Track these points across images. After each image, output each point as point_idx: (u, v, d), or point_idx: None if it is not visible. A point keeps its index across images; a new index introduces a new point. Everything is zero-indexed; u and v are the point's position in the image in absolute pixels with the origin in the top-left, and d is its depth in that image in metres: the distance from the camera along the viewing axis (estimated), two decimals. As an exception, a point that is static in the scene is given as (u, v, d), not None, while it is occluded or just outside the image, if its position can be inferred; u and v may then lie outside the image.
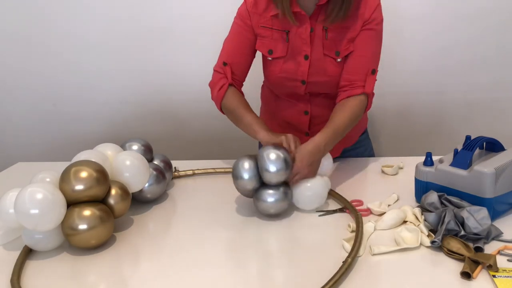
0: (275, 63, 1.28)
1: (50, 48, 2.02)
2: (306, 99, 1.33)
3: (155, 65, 2.01)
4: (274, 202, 1.06)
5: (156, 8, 1.92)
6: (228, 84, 1.28)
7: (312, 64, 1.24)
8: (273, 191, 1.06)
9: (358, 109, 1.22)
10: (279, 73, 1.28)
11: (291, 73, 1.26)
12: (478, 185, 0.97)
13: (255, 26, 1.26)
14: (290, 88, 1.30)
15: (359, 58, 1.22)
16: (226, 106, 1.29)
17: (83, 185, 0.96)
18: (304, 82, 1.27)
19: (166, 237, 1.05)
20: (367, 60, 1.23)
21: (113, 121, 2.11)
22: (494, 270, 0.81)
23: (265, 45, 1.27)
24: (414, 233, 0.94)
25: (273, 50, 1.26)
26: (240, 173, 1.09)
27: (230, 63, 1.29)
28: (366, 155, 1.49)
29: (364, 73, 1.22)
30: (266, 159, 1.06)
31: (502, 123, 1.97)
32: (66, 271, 0.92)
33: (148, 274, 0.89)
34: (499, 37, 1.86)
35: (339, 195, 1.14)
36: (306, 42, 1.23)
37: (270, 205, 1.06)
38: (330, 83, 1.27)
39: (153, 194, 1.18)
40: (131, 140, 1.25)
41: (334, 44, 1.22)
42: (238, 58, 1.30)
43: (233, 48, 1.30)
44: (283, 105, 1.37)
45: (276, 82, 1.32)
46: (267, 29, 1.25)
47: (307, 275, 0.85)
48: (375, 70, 1.24)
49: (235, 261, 0.93)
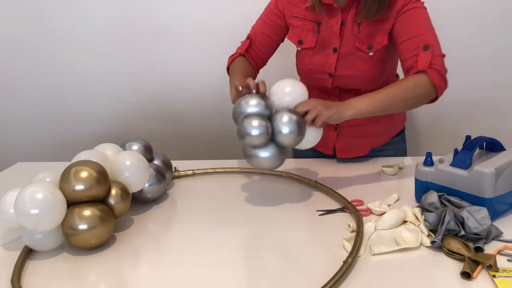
0: (304, 54, 1.29)
1: (49, 48, 2.02)
2: (336, 94, 1.32)
3: (155, 65, 2.01)
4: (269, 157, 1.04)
5: (155, 8, 1.93)
6: (240, 54, 1.32)
7: (341, 57, 1.24)
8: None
9: (409, 83, 1.10)
10: (308, 65, 1.29)
11: (319, 65, 1.27)
12: (478, 185, 0.97)
13: (288, 16, 1.28)
14: (318, 80, 1.30)
15: (405, 43, 1.15)
16: (230, 70, 1.32)
17: (83, 185, 0.96)
18: (331, 75, 1.26)
19: (166, 237, 1.05)
20: (414, 40, 1.13)
21: (113, 121, 2.11)
22: (494, 270, 0.81)
23: (296, 35, 1.28)
24: (414, 233, 0.94)
25: (303, 41, 1.27)
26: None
27: (253, 39, 1.33)
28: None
29: (414, 54, 1.13)
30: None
31: (502, 123, 1.97)
32: (66, 271, 0.92)
33: (148, 274, 0.89)
34: (499, 37, 1.86)
35: (339, 194, 1.14)
36: (335, 35, 1.22)
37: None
38: (358, 78, 1.25)
39: (153, 194, 1.18)
40: (131, 140, 1.25)
41: (366, 38, 1.20)
42: (262, 38, 1.33)
43: (261, 27, 1.33)
44: (313, 96, 1.35)
45: (305, 74, 1.33)
46: (299, 19, 1.26)
47: (308, 275, 0.85)
48: (429, 45, 1.12)
49: (235, 260, 0.93)
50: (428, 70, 1.11)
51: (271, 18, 1.31)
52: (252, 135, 1.02)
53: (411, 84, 1.11)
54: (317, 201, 1.16)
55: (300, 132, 1.03)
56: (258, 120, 1.02)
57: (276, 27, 1.31)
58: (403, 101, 1.11)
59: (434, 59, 1.12)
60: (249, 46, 1.33)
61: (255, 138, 1.02)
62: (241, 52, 1.33)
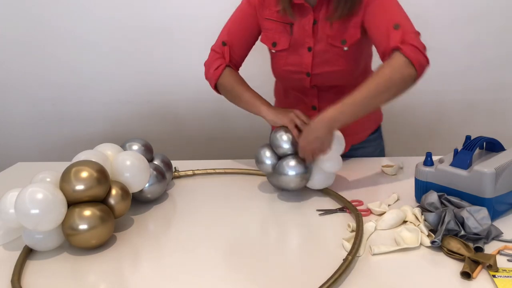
0: (279, 56, 1.27)
1: (49, 48, 2.02)
2: (313, 94, 1.31)
3: (155, 65, 2.01)
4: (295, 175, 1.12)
5: (156, 8, 1.93)
6: (226, 65, 1.28)
7: (316, 55, 1.23)
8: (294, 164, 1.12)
9: (386, 72, 1.06)
10: (284, 66, 1.27)
11: (295, 66, 1.26)
12: (478, 185, 0.97)
13: (260, 18, 1.26)
14: (296, 81, 1.29)
15: (376, 30, 1.13)
16: (223, 84, 1.28)
17: (84, 185, 0.96)
18: (308, 74, 1.25)
19: (166, 237, 1.05)
20: (382, 24, 1.11)
21: (113, 121, 2.12)
22: (494, 270, 0.81)
23: (269, 38, 1.26)
24: (414, 233, 0.94)
25: (277, 43, 1.26)
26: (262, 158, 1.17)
27: (230, 44, 1.28)
28: (375, 156, 1.44)
29: (385, 36, 1.09)
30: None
31: (502, 123, 1.97)
32: (67, 271, 0.92)
33: (148, 274, 0.89)
34: (499, 38, 1.86)
35: (339, 195, 1.14)
36: (308, 34, 1.22)
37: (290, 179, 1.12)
38: (336, 74, 1.25)
39: (153, 194, 1.18)
40: (131, 140, 1.25)
41: (339, 33, 1.19)
42: (238, 40, 1.29)
43: (235, 30, 1.29)
44: (291, 100, 1.36)
45: (282, 76, 1.32)
46: (271, 21, 1.25)
47: (308, 274, 0.85)
48: (399, 24, 1.08)
49: (236, 260, 0.93)
50: (401, 46, 1.05)
51: (245, 19, 1.28)
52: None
53: (387, 72, 1.06)
54: (317, 201, 1.16)
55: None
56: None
57: (251, 28, 1.27)
58: (384, 93, 1.07)
59: (406, 35, 1.07)
60: (230, 53, 1.27)
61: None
62: (226, 62, 1.28)
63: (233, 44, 1.28)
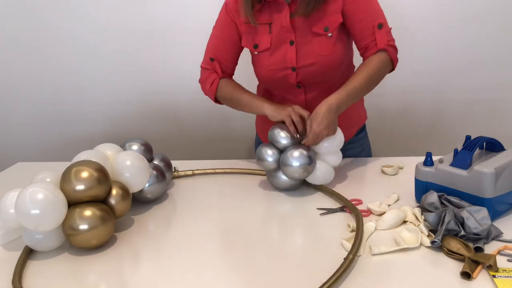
0: (262, 56, 1.29)
1: (49, 48, 2.02)
2: (299, 93, 1.32)
3: (155, 65, 2.01)
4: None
5: (156, 8, 1.93)
6: (219, 78, 1.32)
7: (299, 48, 1.25)
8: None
9: (377, 65, 1.21)
10: (268, 66, 1.28)
11: (280, 63, 1.27)
12: (478, 185, 0.97)
13: (239, 23, 1.28)
14: (281, 79, 1.29)
15: (360, 24, 1.22)
16: (222, 96, 1.33)
17: (84, 185, 0.96)
18: (294, 68, 1.26)
19: (166, 237, 1.05)
20: (367, 21, 1.22)
21: (113, 121, 2.12)
22: (494, 270, 0.81)
23: (250, 41, 1.28)
24: (414, 233, 0.94)
25: (258, 44, 1.27)
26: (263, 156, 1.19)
27: (217, 58, 1.32)
28: (362, 155, 1.46)
29: (370, 33, 1.22)
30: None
31: (502, 123, 1.98)
32: (67, 271, 0.92)
33: (148, 274, 0.89)
34: (499, 38, 1.86)
35: (339, 194, 1.15)
36: (287, 28, 1.23)
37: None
38: (321, 65, 1.25)
39: (153, 194, 1.18)
40: (131, 140, 1.25)
41: (320, 21, 1.22)
42: (225, 52, 1.32)
43: (219, 43, 1.33)
44: (276, 102, 1.35)
45: (266, 76, 1.31)
46: (248, 25, 1.27)
47: (308, 274, 0.85)
48: (382, 23, 1.22)
49: (235, 260, 0.93)
50: (388, 48, 1.23)
51: (226, 30, 1.31)
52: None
53: (378, 66, 1.22)
54: (317, 201, 1.16)
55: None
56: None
57: (233, 37, 1.30)
58: (372, 84, 1.22)
59: (388, 36, 1.24)
60: (220, 66, 1.32)
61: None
62: (219, 76, 1.32)
63: (220, 58, 1.33)
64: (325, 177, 1.20)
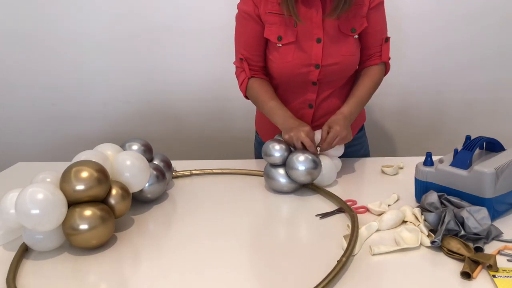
0: (286, 49, 1.27)
1: (49, 47, 2.02)
2: (314, 90, 1.32)
3: (155, 65, 2.01)
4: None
5: (156, 8, 1.93)
6: (248, 78, 1.33)
7: (326, 46, 1.25)
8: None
9: (378, 77, 1.32)
10: (292, 60, 1.27)
11: (304, 59, 1.26)
12: (478, 185, 0.97)
13: (262, 13, 1.26)
14: (302, 75, 1.29)
15: (373, 34, 1.29)
16: (250, 97, 1.37)
17: (84, 185, 0.96)
18: (318, 66, 1.26)
19: (166, 237, 1.05)
20: (380, 33, 1.30)
21: (113, 121, 2.12)
22: (494, 270, 0.81)
23: (274, 32, 1.26)
24: (414, 233, 0.94)
25: (283, 36, 1.25)
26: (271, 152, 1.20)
27: (245, 57, 1.32)
28: (361, 154, 1.47)
29: (379, 44, 1.31)
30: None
31: (502, 123, 1.98)
32: (67, 271, 0.92)
33: (149, 274, 0.89)
34: (498, 37, 1.86)
35: (334, 195, 1.14)
36: (318, 25, 1.23)
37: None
38: (343, 65, 1.28)
39: (153, 194, 1.18)
40: (131, 140, 1.25)
41: (348, 22, 1.24)
42: (252, 50, 1.32)
43: (245, 42, 1.32)
44: (286, 99, 1.36)
45: (286, 71, 1.30)
46: (274, 15, 1.24)
47: (308, 273, 0.85)
48: (388, 38, 1.32)
49: (235, 260, 0.93)
50: (387, 62, 1.35)
51: (247, 26, 1.29)
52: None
53: (380, 78, 1.34)
54: (315, 202, 1.16)
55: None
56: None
57: (256, 32, 1.29)
58: (372, 93, 1.33)
59: (389, 51, 1.34)
60: (249, 65, 1.33)
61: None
62: (248, 76, 1.33)
63: (248, 56, 1.32)
64: (331, 176, 1.22)
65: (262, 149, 1.21)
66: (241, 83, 1.36)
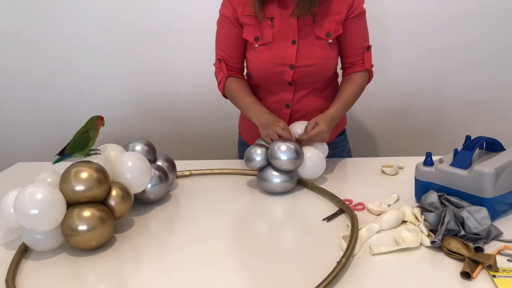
0: (261, 49, 1.30)
1: (50, 48, 2.02)
2: (290, 90, 1.35)
3: (155, 65, 2.01)
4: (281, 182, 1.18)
5: (156, 8, 1.93)
6: (226, 77, 1.37)
7: (300, 48, 1.28)
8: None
9: (362, 83, 1.36)
10: (266, 59, 1.30)
11: (279, 58, 1.29)
12: (478, 185, 0.97)
13: (240, 16, 1.30)
14: (276, 74, 1.32)
15: (354, 42, 1.33)
16: (227, 95, 1.40)
17: (84, 185, 0.96)
18: (292, 66, 1.29)
19: (166, 238, 1.05)
20: (360, 42, 1.34)
21: (113, 121, 2.11)
22: (494, 270, 0.81)
23: (251, 33, 1.30)
24: (414, 233, 0.94)
25: (259, 37, 1.29)
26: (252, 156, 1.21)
27: (223, 58, 1.36)
28: (344, 155, 1.49)
29: (360, 53, 1.34)
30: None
31: (502, 123, 1.97)
32: (66, 271, 0.92)
33: (148, 276, 0.89)
34: (498, 37, 1.86)
35: (334, 195, 1.14)
36: (293, 27, 1.27)
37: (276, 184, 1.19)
38: (318, 67, 1.30)
39: (155, 195, 1.18)
40: (134, 141, 1.25)
41: (323, 26, 1.27)
42: (230, 51, 1.36)
43: (224, 44, 1.36)
44: (264, 98, 1.39)
45: (261, 70, 1.33)
46: (251, 17, 1.28)
47: (308, 274, 0.85)
48: (369, 46, 1.35)
49: (235, 261, 0.93)
50: (370, 70, 1.38)
51: (227, 29, 1.33)
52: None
53: (364, 84, 1.37)
54: (315, 202, 1.16)
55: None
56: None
57: (235, 35, 1.32)
58: (356, 99, 1.36)
59: (371, 59, 1.37)
60: (226, 65, 1.36)
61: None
62: (226, 75, 1.37)
63: (226, 57, 1.37)
64: (317, 169, 1.23)
65: (244, 154, 1.23)
66: (219, 82, 1.39)
